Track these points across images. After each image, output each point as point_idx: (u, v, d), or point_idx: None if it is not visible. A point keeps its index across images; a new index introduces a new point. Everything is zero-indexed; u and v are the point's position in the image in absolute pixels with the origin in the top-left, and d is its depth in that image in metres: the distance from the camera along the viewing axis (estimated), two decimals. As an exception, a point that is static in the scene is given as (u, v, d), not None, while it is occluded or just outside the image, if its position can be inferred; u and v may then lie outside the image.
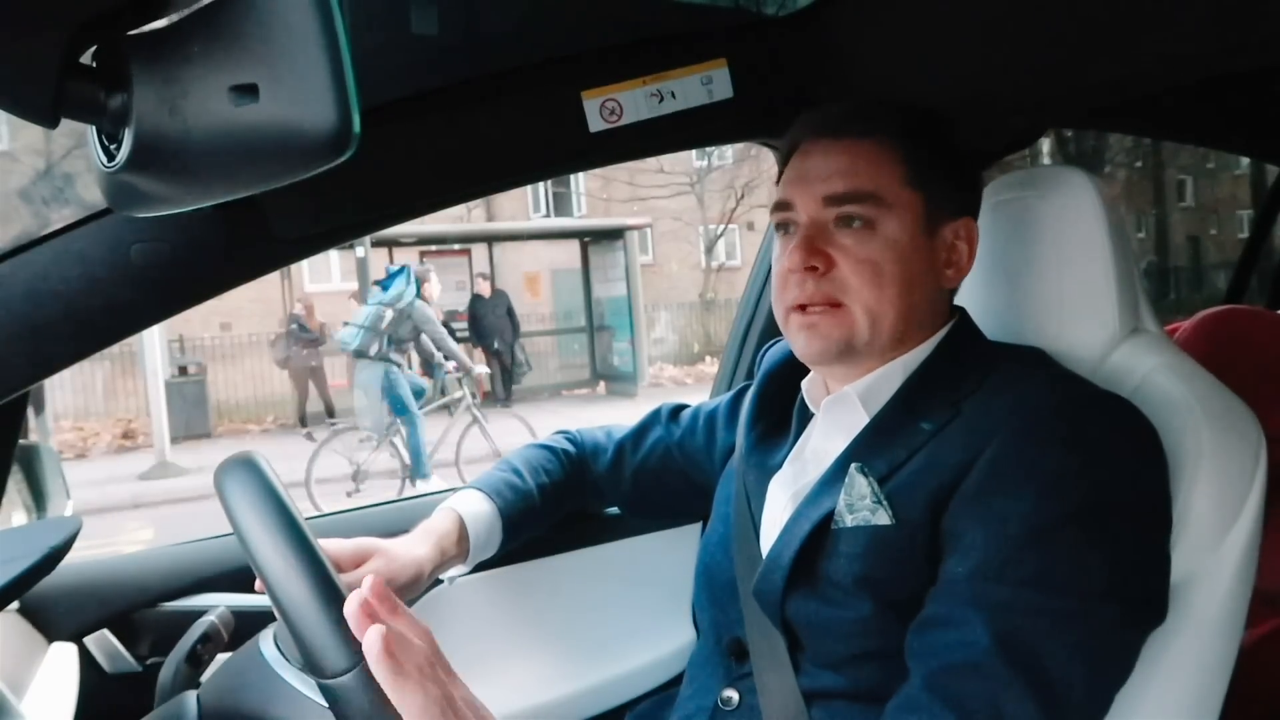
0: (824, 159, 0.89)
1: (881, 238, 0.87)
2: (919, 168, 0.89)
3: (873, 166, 0.88)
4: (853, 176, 0.87)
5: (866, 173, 0.87)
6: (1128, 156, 15.99)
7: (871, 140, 0.89)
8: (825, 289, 0.87)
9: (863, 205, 0.87)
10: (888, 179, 0.88)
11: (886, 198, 0.87)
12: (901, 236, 0.87)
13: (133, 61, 0.49)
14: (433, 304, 7.12)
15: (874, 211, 0.87)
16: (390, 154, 0.99)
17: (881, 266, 0.86)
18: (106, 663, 1.14)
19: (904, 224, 0.87)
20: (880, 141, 0.89)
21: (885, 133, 0.89)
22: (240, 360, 11.89)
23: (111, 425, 10.96)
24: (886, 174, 0.88)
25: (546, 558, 1.32)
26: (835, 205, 0.88)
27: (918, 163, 0.89)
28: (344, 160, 0.45)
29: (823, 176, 0.89)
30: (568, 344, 13.00)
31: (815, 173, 0.89)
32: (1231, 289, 2.40)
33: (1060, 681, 0.72)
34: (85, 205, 1.18)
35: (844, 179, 0.88)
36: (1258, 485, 0.85)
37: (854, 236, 0.87)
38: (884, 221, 0.87)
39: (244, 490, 0.72)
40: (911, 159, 0.89)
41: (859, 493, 0.84)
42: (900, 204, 0.88)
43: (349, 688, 0.66)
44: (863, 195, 0.87)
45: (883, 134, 0.89)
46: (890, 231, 0.87)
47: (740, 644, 0.93)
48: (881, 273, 0.86)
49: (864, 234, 0.87)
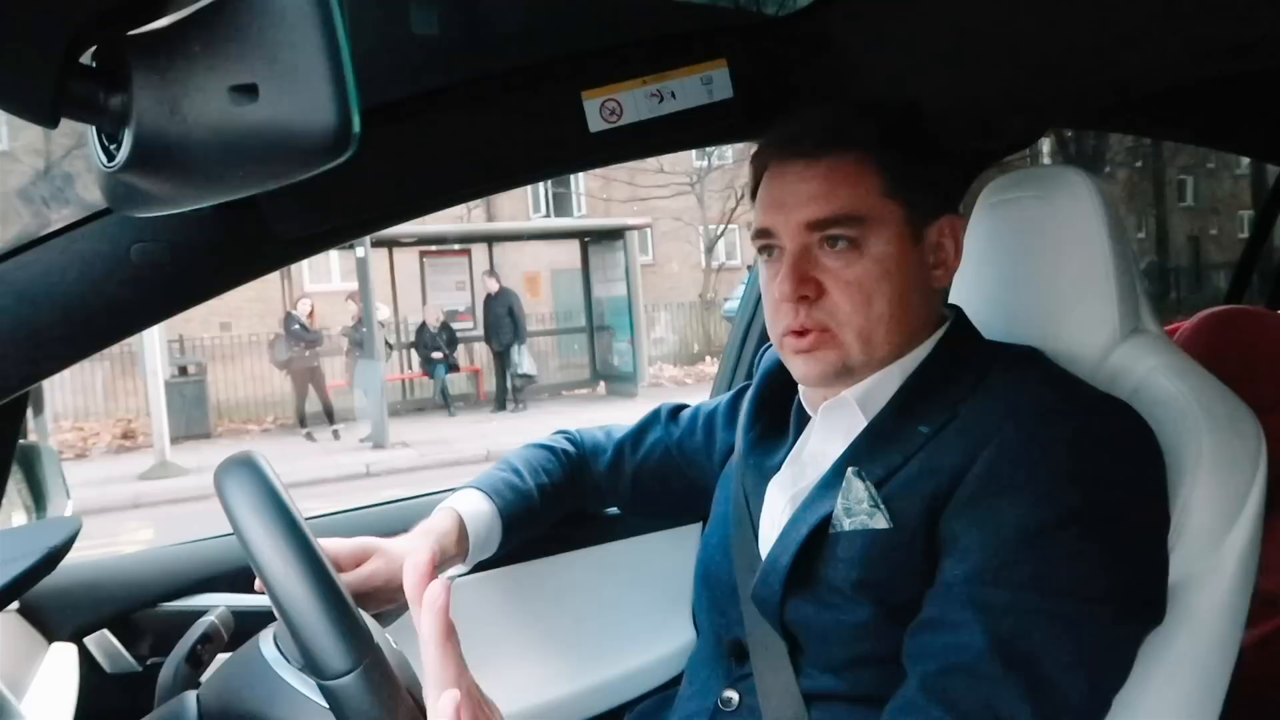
0: (800, 182, 0.87)
1: (869, 257, 0.86)
2: (896, 175, 0.87)
3: (850, 184, 0.86)
4: (832, 199, 0.86)
5: (845, 193, 0.86)
6: (1128, 156, 15.98)
7: (847, 156, 0.86)
8: (817, 316, 0.87)
9: (846, 227, 0.86)
10: (866, 194, 0.86)
11: (869, 214, 0.86)
12: (888, 250, 0.86)
13: (133, 61, 0.49)
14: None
15: (858, 231, 0.86)
16: (390, 154, 0.99)
17: (870, 287, 0.86)
18: (106, 663, 1.14)
19: (889, 237, 0.86)
20: (856, 156, 0.87)
21: (859, 145, 0.87)
22: (240, 360, 11.90)
23: (111, 425, 10.96)
24: (865, 189, 0.86)
25: (546, 558, 1.32)
26: (818, 230, 0.86)
27: (894, 170, 0.87)
28: (344, 160, 0.45)
29: (802, 201, 0.87)
30: (568, 344, 12.99)
31: (793, 198, 0.88)
32: (1231, 289, 2.40)
33: (1057, 683, 0.72)
34: (85, 205, 1.18)
35: (824, 203, 0.86)
36: (1258, 485, 0.84)
37: (841, 258, 0.86)
38: (869, 239, 0.86)
39: (244, 490, 0.72)
40: (888, 168, 0.87)
41: (856, 497, 0.84)
42: (883, 217, 0.86)
43: (350, 689, 0.66)
44: (844, 218, 0.85)
45: (857, 147, 0.87)
46: (876, 249, 0.86)
47: (740, 645, 0.93)
48: (870, 293, 0.86)
49: (850, 254, 0.86)
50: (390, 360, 10.94)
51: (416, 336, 11.37)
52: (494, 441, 9.00)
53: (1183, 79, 1.21)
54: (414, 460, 8.90)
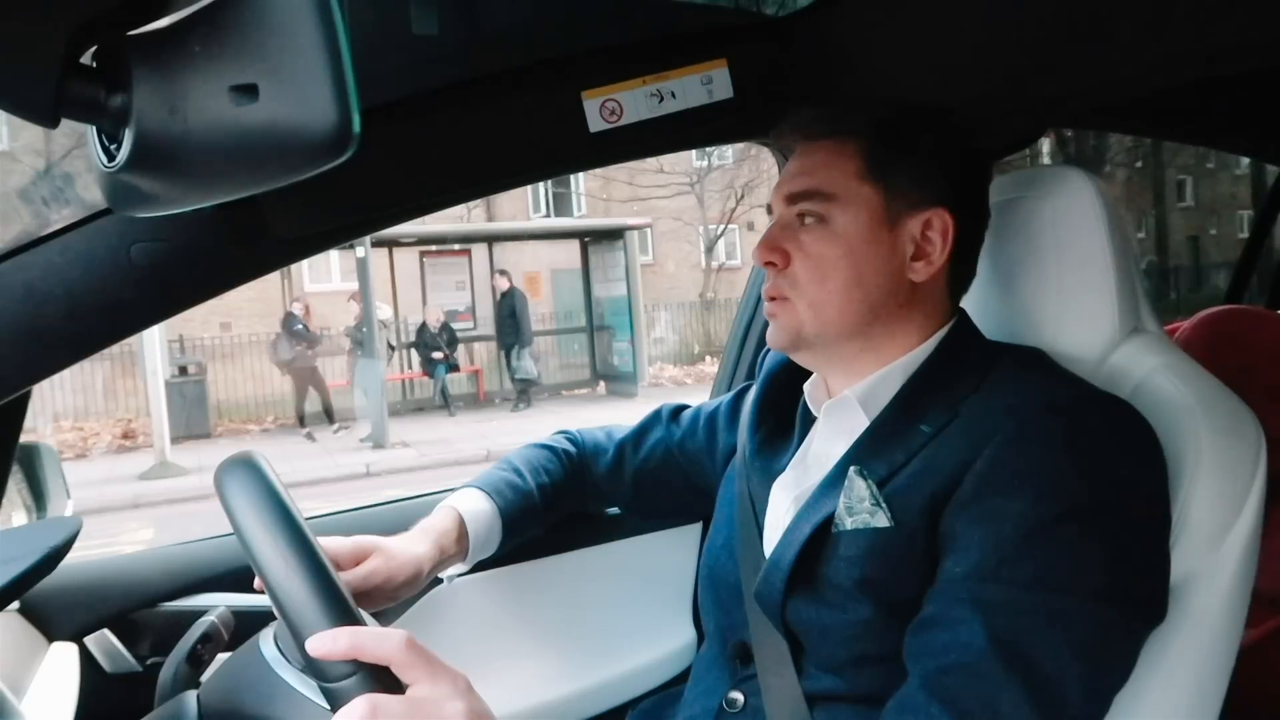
0: (794, 161, 0.95)
1: (832, 233, 0.90)
2: (876, 161, 0.90)
3: (827, 164, 0.91)
4: (810, 176, 0.92)
5: (820, 171, 0.91)
6: (1128, 156, 15.99)
7: (831, 139, 0.92)
8: (779, 284, 0.92)
9: (813, 202, 0.91)
10: (841, 174, 0.90)
11: (838, 193, 0.90)
12: (852, 230, 0.89)
13: (133, 61, 0.49)
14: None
15: (824, 208, 0.90)
16: (390, 154, 0.99)
17: (828, 261, 0.90)
18: (106, 663, 1.14)
19: (856, 217, 0.90)
20: (838, 139, 0.92)
21: (845, 131, 0.92)
22: (240, 360, 11.90)
23: (111, 425, 10.97)
24: (840, 170, 0.90)
25: (546, 558, 1.32)
26: (795, 203, 0.92)
27: (877, 156, 0.90)
28: (344, 160, 0.45)
29: (790, 177, 0.94)
30: (568, 344, 12.99)
31: (786, 176, 0.95)
32: (1231, 289, 2.39)
33: (1057, 682, 0.72)
34: (85, 205, 1.18)
35: (802, 178, 0.92)
36: (1258, 485, 0.84)
37: (810, 233, 0.91)
38: (835, 216, 0.90)
39: (244, 490, 0.72)
40: (870, 153, 0.90)
41: (858, 496, 0.84)
42: (854, 198, 0.90)
43: (352, 692, 0.66)
44: (813, 193, 0.91)
45: (843, 132, 0.92)
46: (841, 226, 0.90)
47: (745, 647, 0.93)
48: (828, 269, 0.90)
49: (817, 230, 0.91)
50: (390, 360, 10.93)
51: (417, 336, 11.36)
52: (494, 442, 9.00)
53: (1182, 79, 1.21)
54: (414, 460, 8.90)
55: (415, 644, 0.67)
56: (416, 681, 0.67)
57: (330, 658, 0.66)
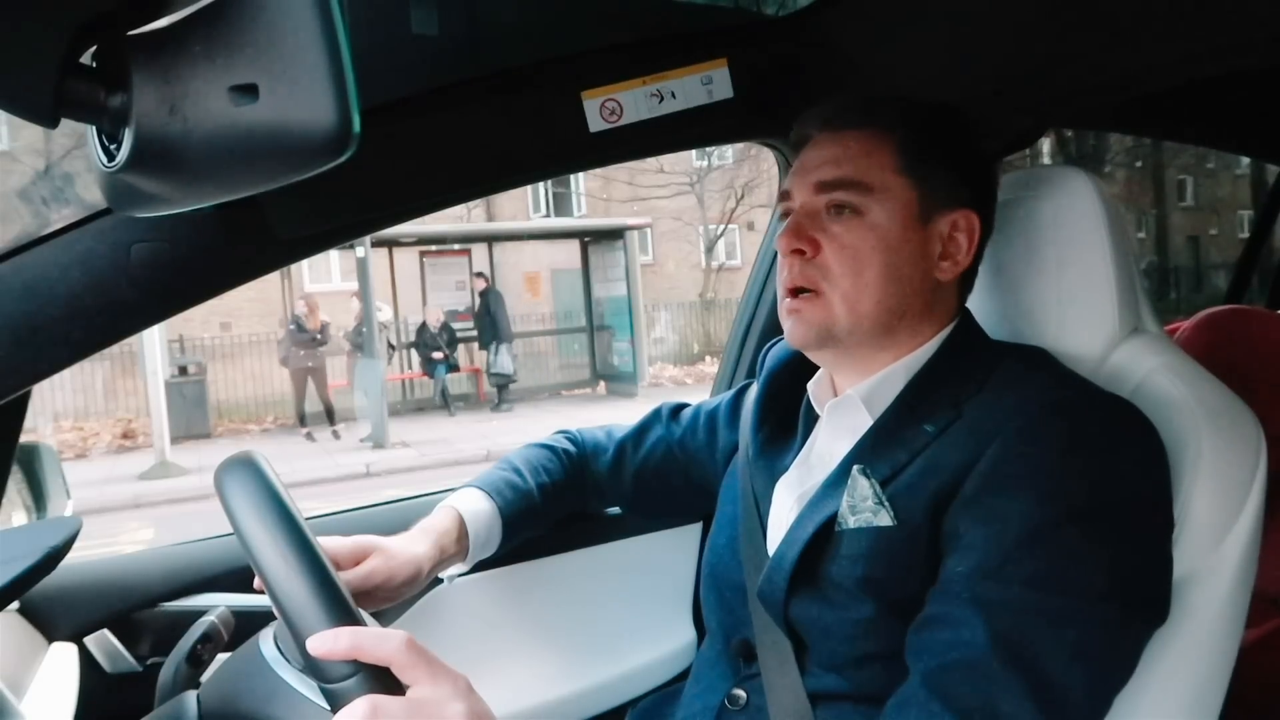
0: (820, 149, 0.92)
1: (867, 225, 0.88)
2: (913, 156, 0.89)
3: (864, 154, 0.89)
4: (844, 164, 0.89)
5: (857, 161, 0.89)
6: (1128, 156, 15.99)
7: (866, 130, 0.91)
8: (809, 273, 0.89)
9: (849, 192, 0.88)
10: (878, 166, 0.89)
11: (875, 185, 0.88)
12: (889, 223, 0.88)
13: (133, 61, 0.49)
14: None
15: (861, 199, 0.88)
16: (390, 154, 0.99)
17: (863, 253, 0.88)
18: (106, 663, 1.14)
19: (893, 211, 0.88)
20: (874, 131, 0.90)
21: (880, 123, 0.90)
22: (240, 360, 11.90)
23: (111, 425, 10.97)
24: (877, 162, 0.89)
25: (546, 558, 1.32)
26: (826, 192, 0.90)
27: (912, 151, 0.89)
28: (344, 160, 0.45)
29: (817, 165, 0.91)
30: (568, 344, 12.99)
31: (811, 163, 0.92)
32: (1231, 289, 2.40)
33: (1058, 681, 0.72)
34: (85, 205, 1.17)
35: (835, 167, 0.90)
36: (1258, 485, 0.84)
37: (842, 224, 0.89)
38: (871, 209, 0.88)
39: (244, 490, 0.72)
40: (906, 147, 0.89)
41: (861, 494, 0.84)
42: (890, 191, 0.88)
43: (352, 693, 0.66)
44: (850, 182, 0.89)
45: (878, 124, 0.90)
46: (877, 218, 0.88)
47: (748, 645, 0.93)
48: (863, 260, 0.88)
49: (851, 221, 0.89)
50: (390, 360, 10.93)
51: (417, 336, 11.36)
52: (494, 442, 9.00)
53: (1183, 79, 1.21)
54: (414, 460, 8.90)
55: (416, 645, 0.67)
56: (417, 682, 0.67)
57: (330, 658, 0.66)
